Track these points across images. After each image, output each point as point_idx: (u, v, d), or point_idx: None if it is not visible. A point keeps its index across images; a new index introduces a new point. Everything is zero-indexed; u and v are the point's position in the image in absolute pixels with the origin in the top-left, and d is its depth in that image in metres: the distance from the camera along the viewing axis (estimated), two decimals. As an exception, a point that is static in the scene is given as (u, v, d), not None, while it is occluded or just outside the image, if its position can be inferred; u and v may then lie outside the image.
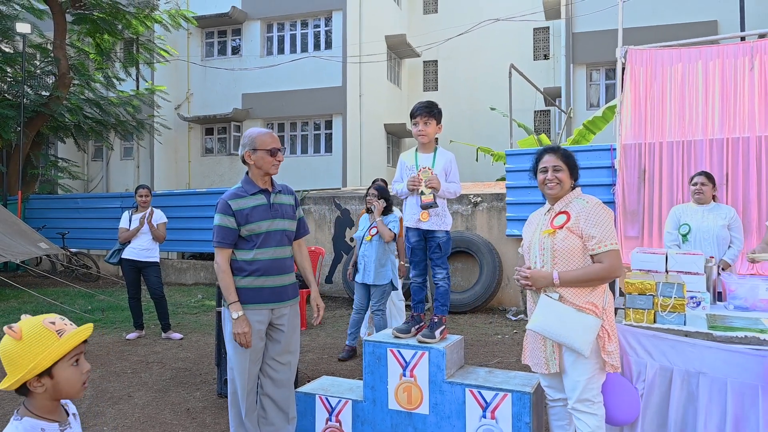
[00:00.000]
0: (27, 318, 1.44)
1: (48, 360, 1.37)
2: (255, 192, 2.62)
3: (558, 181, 2.40)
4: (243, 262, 2.59)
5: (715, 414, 2.39)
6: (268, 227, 2.59)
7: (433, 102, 2.88)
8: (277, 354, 2.67)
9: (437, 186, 2.75)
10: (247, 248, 2.58)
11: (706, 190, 3.87)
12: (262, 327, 2.61)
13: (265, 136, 2.61)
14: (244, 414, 2.64)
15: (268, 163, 2.59)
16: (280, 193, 2.70)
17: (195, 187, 14.65)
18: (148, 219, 5.46)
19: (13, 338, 1.37)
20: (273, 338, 2.67)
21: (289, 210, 2.70)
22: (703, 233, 3.85)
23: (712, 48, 4.91)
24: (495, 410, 2.56)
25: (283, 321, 2.66)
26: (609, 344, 2.32)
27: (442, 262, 2.88)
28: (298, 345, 2.76)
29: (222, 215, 2.57)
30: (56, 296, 7.92)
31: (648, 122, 5.05)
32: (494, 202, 7.13)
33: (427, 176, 2.75)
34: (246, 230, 2.56)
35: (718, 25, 10.50)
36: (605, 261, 2.28)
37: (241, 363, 2.60)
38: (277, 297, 2.63)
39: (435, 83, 18.16)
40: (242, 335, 2.51)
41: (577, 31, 11.50)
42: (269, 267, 2.59)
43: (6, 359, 1.38)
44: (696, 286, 2.91)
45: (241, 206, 2.57)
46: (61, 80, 10.32)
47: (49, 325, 1.41)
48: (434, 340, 2.74)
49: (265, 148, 2.58)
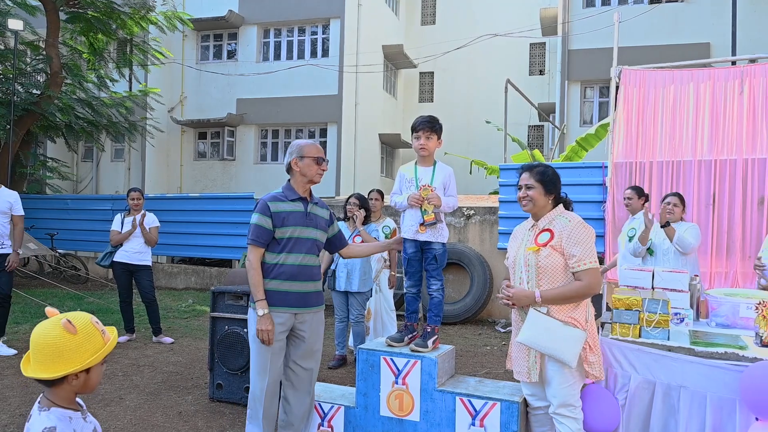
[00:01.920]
0: (72, 313, 1.49)
1: (100, 358, 1.46)
2: (294, 198, 2.74)
3: (530, 198, 2.52)
4: (271, 264, 2.68)
5: (694, 426, 2.48)
6: (300, 234, 2.69)
7: (435, 117, 2.97)
8: (298, 358, 2.73)
9: (438, 204, 2.84)
10: (277, 251, 2.68)
11: (677, 211, 4.14)
12: (283, 330, 2.67)
13: (312, 145, 2.77)
14: (261, 415, 2.67)
15: (313, 171, 2.72)
16: (316, 204, 2.82)
17: (186, 191, 14.61)
18: (140, 222, 5.47)
19: (70, 332, 1.42)
20: (294, 344, 2.74)
21: (322, 222, 2.81)
22: (664, 251, 4.14)
23: (703, 71, 5.08)
24: (484, 418, 2.63)
25: (305, 327, 2.72)
26: (591, 355, 2.45)
27: (437, 274, 2.95)
28: (319, 352, 2.81)
29: (260, 215, 2.67)
30: (44, 297, 7.85)
31: (639, 142, 5.20)
32: (487, 215, 7.23)
33: (428, 194, 2.82)
34: (279, 233, 2.66)
35: (710, 47, 10.78)
36: (584, 279, 2.39)
37: (262, 363, 2.65)
38: (302, 302, 2.70)
39: (431, 94, 18.35)
40: (265, 332, 2.58)
41: (573, 48, 11.73)
42: (297, 272, 2.67)
43: (56, 351, 1.41)
44: (680, 303, 3.02)
45: (279, 209, 2.68)
46: (53, 79, 10.24)
47: (96, 324, 1.49)
48: (427, 349, 2.81)
49: (312, 156, 2.72)
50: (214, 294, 4.03)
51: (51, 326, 1.43)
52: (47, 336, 1.41)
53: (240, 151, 14.76)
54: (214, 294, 4.02)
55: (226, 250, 9.03)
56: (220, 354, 3.93)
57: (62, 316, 1.45)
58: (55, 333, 1.41)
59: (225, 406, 3.86)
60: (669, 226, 4.04)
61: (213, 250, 9.18)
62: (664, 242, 4.15)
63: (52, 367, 1.41)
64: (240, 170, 14.65)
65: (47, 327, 1.43)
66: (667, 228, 4.04)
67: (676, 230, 4.04)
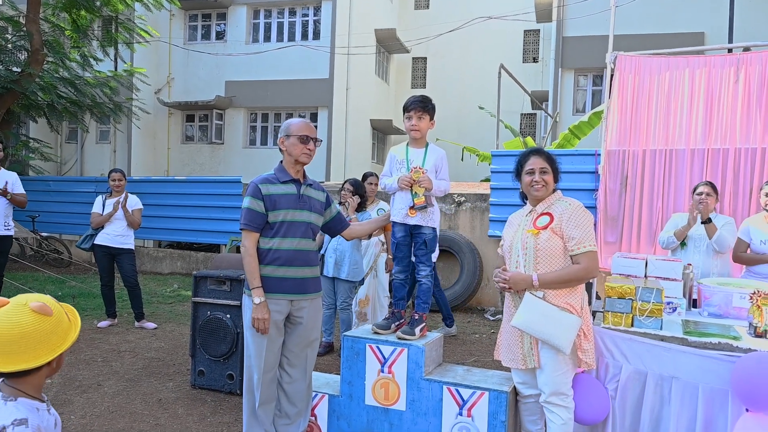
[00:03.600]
0: (35, 295, 1.39)
1: (73, 339, 1.37)
2: (286, 180, 2.62)
3: (544, 183, 2.45)
4: (265, 250, 2.57)
5: (686, 417, 2.43)
6: (293, 217, 2.58)
7: (428, 97, 2.85)
8: (294, 346, 2.64)
9: (429, 186, 2.72)
10: (270, 236, 2.57)
11: (710, 201, 3.84)
12: (280, 317, 2.57)
13: (299, 123, 2.64)
14: (257, 404, 2.59)
15: (298, 150, 2.59)
16: (310, 186, 2.69)
17: (174, 175, 14.35)
18: (122, 204, 5.31)
19: (47, 314, 1.33)
20: (291, 330, 2.64)
21: (317, 205, 2.69)
22: (695, 242, 3.87)
23: (699, 58, 4.99)
24: (471, 408, 2.56)
25: (303, 314, 2.62)
26: (585, 343, 2.40)
27: (426, 260, 2.86)
28: (317, 339, 2.72)
29: (252, 198, 2.56)
30: (25, 281, 7.67)
31: (633, 129, 5.11)
32: (478, 202, 7.15)
33: (419, 176, 2.71)
34: (272, 216, 2.55)
35: (705, 37, 10.70)
36: (583, 262, 2.35)
37: (257, 351, 2.56)
38: (298, 288, 2.59)
39: (423, 80, 18.13)
40: (261, 321, 2.49)
41: (567, 35, 11.59)
42: (293, 257, 2.57)
43: (37, 338, 1.31)
44: (673, 292, 2.97)
45: (270, 192, 2.57)
46: (34, 56, 9.91)
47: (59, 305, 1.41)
48: (414, 337, 2.73)
49: (296, 134, 2.59)
50: (196, 279, 3.91)
51: (19, 314, 1.31)
52: (21, 325, 1.30)
53: (228, 134, 14.50)
54: (196, 279, 3.91)
55: (213, 235, 8.88)
56: (202, 340, 3.82)
57: (21, 301, 1.33)
58: (29, 320, 1.31)
59: (207, 393, 3.76)
60: (711, 222, 3.72)
61: (200, 234, 9.03)
62: (697, 231, 3.83)
63: (34, 356, 1.31)
64: (228, 154, 14.41)
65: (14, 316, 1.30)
66: (708, 225, 3.72)
67: (717, 228, 3.72)
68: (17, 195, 5.20)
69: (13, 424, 1.30)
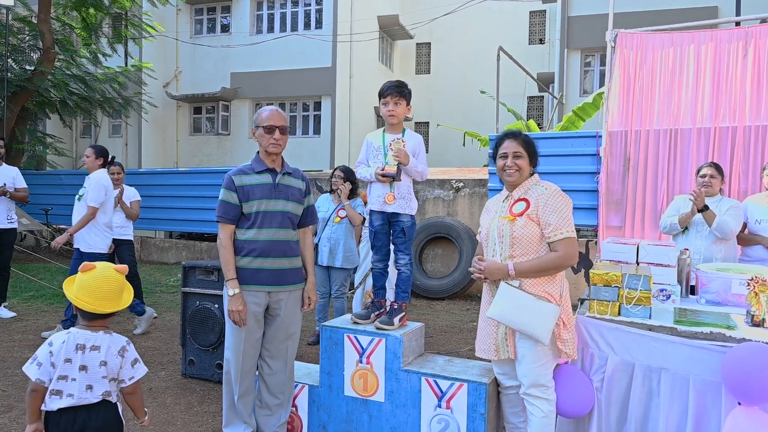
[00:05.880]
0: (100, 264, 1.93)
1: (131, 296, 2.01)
2: (261, 170, 2.56)
3: (517, 168, 2.34)
4: (242, 241, 2.52)
5: (676, 411, 2.31)
6: (267, 207, 2.52)
7: (403, 82, 2.81)
8: (274, 338, 2.60)
9: (404, 160, 2.65)
10: (246, 227, 2.52)
11: (715, 183, 3.65)
12: (258, 309, 2.53)
13: (267, 113, 2.58)
14: (236, 397, 2.57)
15: (265, 140, 2.54)
16: (288, 175, 2.63)
17: (183, 166, 14.47)
18: (118, 199, 5.35)
19: (123, 272, 1.94)
20: (270, 322, 2.60)
21: (296, 193, 2.62)
22: (697, 227, 3.65)
23: (705, 32, 4.75)
24: (450, 400, 2.49)
25: (281, 306, 2.57)
26: (564, 332, 2.29)
27: (405, 248, 2.78)
28: (297, 332, 2.67)
29: (225, 190, 2.54)
30: (36, 272, 7.81)
31: (635, 109, 4.91)
32: (476, 187, 7.01)
33: (399, 146, 2.67)
34: (246, 207, 2.51)
35: (718, 11, 10.25)
36: (560, 249, 2.23)
37: (235, 343, 2.53)
38: (276, 280, 2.54)
39: (427, 66, 17.84)
40: (236, 312, 2.46)
41: (573, 14, 11.24)
42: (269, 248, 2.51)
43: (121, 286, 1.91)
44: (666, 278, 2.82)
45: (244, 182, 2.53)
46: (46, 54, 10.09)
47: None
48: (392, 327, 2.65)
49: (262, 125, 2.54)
50: (185, 269, 3.89)
51: (108, 271, 1.89)
52: (118, 280, 1.90)
53: (235, 125, 14.54)
54: (185, 269, 3.89)
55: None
56: (192, 330, 3.81)
57: (106, 266, 1.90)
58: (120, 276, 1.91)
59: (196, 382, 3.76)
60: (708, 210, 3.48)
61: (206, 224, 9.07)
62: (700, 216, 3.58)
63: (123, 299, 1.90)
64: (235, 145, 14.45)
65: (107, 272, 1.88)
66: (705, 213, 3.48)
67: (716, 215, 3.49)
68: (18, 191, 5.34)
69: (127, 344, 1.92)
